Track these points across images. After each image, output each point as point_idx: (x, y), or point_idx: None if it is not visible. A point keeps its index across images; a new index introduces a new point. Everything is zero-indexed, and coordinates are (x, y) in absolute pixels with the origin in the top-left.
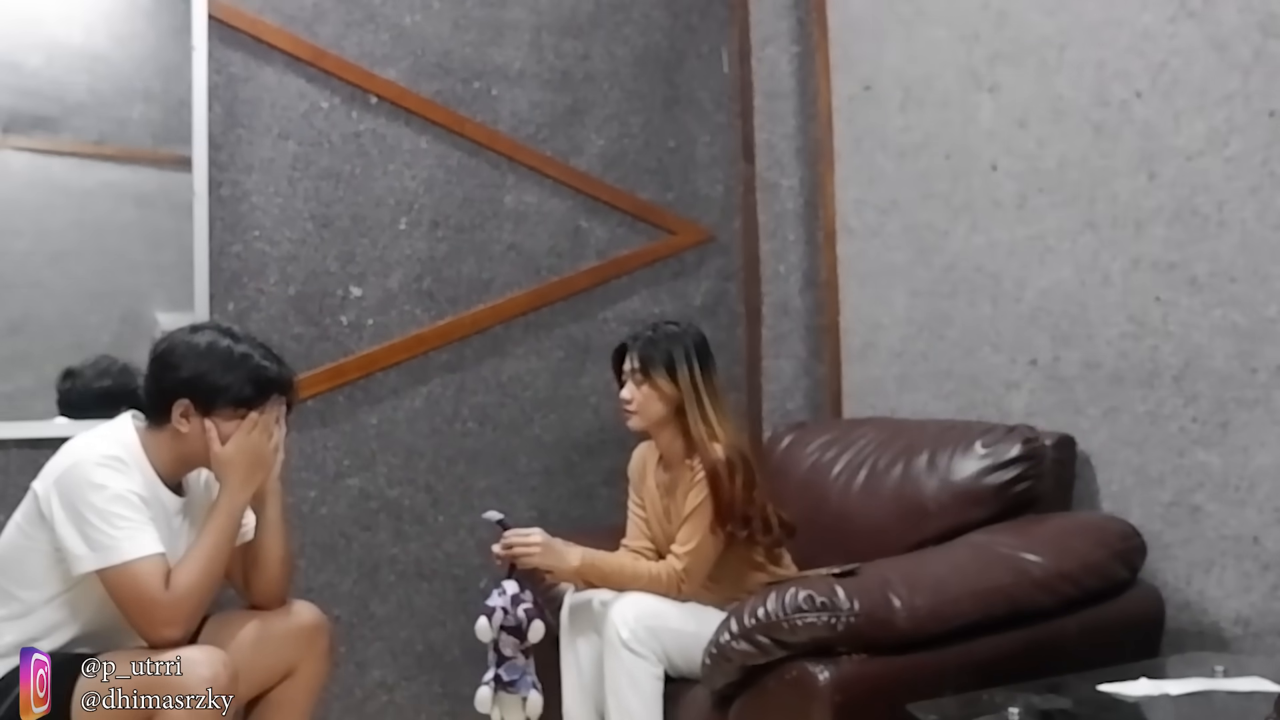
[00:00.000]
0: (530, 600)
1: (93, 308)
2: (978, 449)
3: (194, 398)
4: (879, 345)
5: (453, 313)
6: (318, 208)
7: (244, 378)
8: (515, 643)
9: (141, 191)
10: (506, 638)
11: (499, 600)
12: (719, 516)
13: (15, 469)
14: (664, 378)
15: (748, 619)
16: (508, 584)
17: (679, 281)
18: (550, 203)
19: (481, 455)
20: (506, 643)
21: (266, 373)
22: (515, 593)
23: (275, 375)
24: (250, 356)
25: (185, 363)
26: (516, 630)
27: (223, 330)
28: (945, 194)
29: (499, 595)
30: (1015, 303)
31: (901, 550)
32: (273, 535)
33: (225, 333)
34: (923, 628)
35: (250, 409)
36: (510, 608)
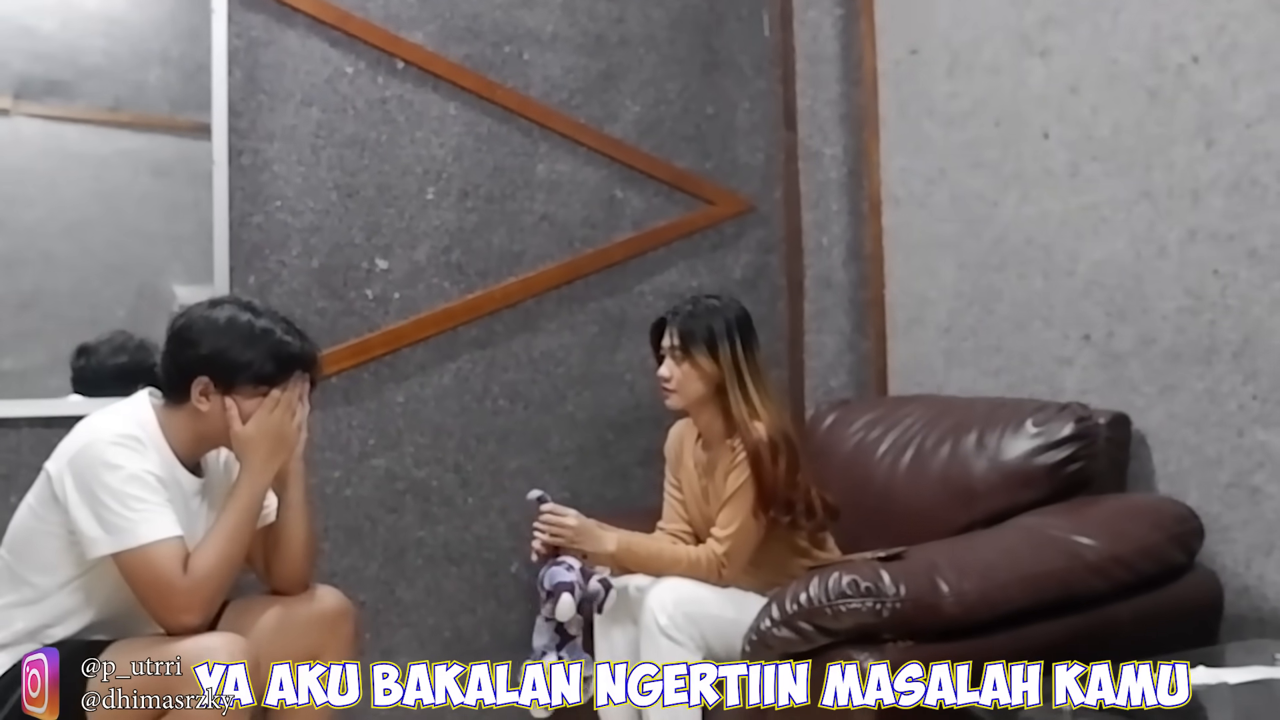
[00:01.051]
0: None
1: (108, 281)
2: (1029, 428)
3: (213, 375)
4: (926, 320)
5: (482, 286)
6: (342, 177)
7: (265, 354)
8: (580, 620)
9: (159, 160)
10: (575, 615)
11: (571, 575)
12: (761, 500)
13: (27, 449)
14: (704, 355)
15: (790, 605)
16: (569, 558)
17: (718, 254)
18: (584, 172)
19: (512, 434)
20: (574, 621)
21: (289, 348)
22: (581, 565)
23: (298, 351)
24: (272, 331)
25: (204, 338)
26: (582, 606)
27: (243, 305)
28: (995, 162)
29: (568, 570)
30: (1068, 276)
31: (949, 533)
32: (295, 518)
33: (246, 307)
34: (971, 614)
35: (272, 386)
36: (582, 581)
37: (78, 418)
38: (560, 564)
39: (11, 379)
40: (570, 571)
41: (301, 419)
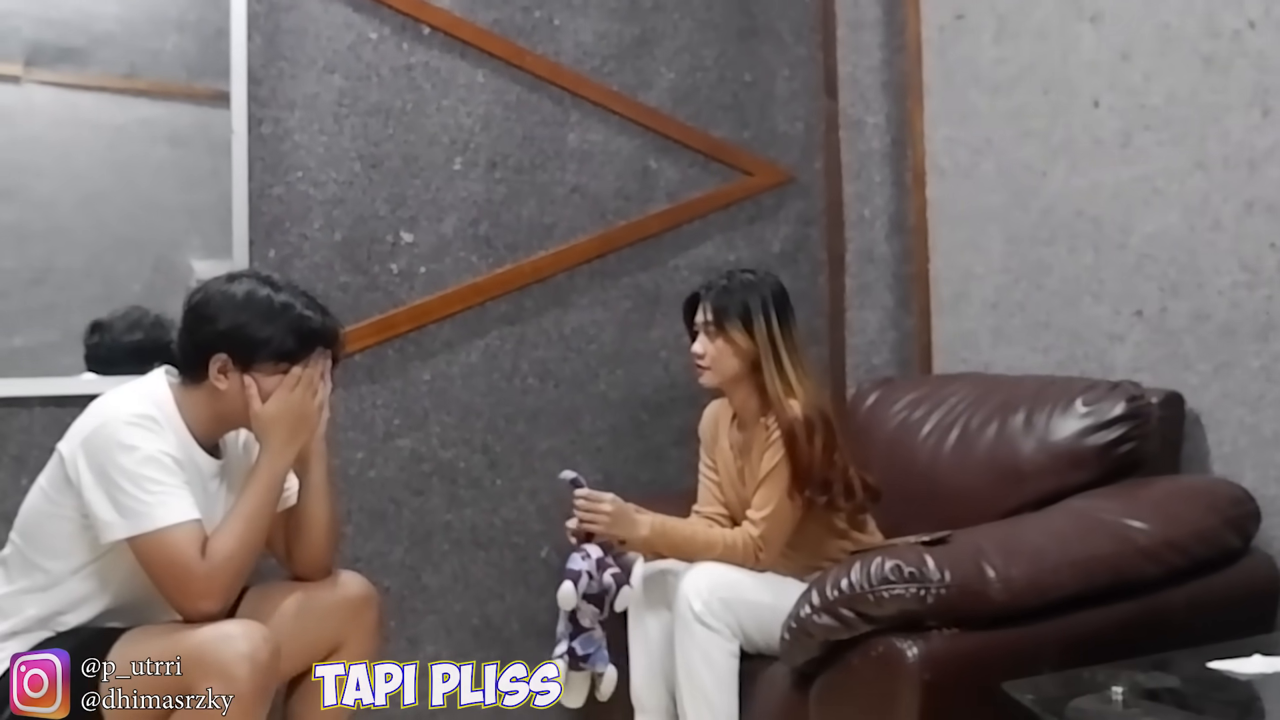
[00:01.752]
0: (616, 565)
1: (123, 255)
2: (1078, 407)
3: (232, 352)
4: (972, 295)
5: (511, 260)
6: (366, 147)
7: (286, 329)
8: (595, 612)
9: (175, 129)
10: (586, 607)
11: (583, 564)
12: (797, 480)
13: (39, 429)
14: (739, 331)
15: (830, 591)
16: (590, 547)
17: (756, 226)
18: (617, 141)
19: (542, 414)
20: (586, 612)
21: (310, 324)
22: (600, 557)
23: (319, 327)
24: (292, 306)
25: (222, 314)
26: (598, 598)
27: (262, 279)
28: (1043, 132)
29: (583, 559)
30: (1119, 249)
31: (996, 516)
32: (317, 501)
33: (265, 281)
34: (1019, 600)
35: (293, 363)
36: (595, 573)
37: (91, 397)
38: (579, 551)
39: (23, 356)
40: (585, 560)
41: (323, 398)
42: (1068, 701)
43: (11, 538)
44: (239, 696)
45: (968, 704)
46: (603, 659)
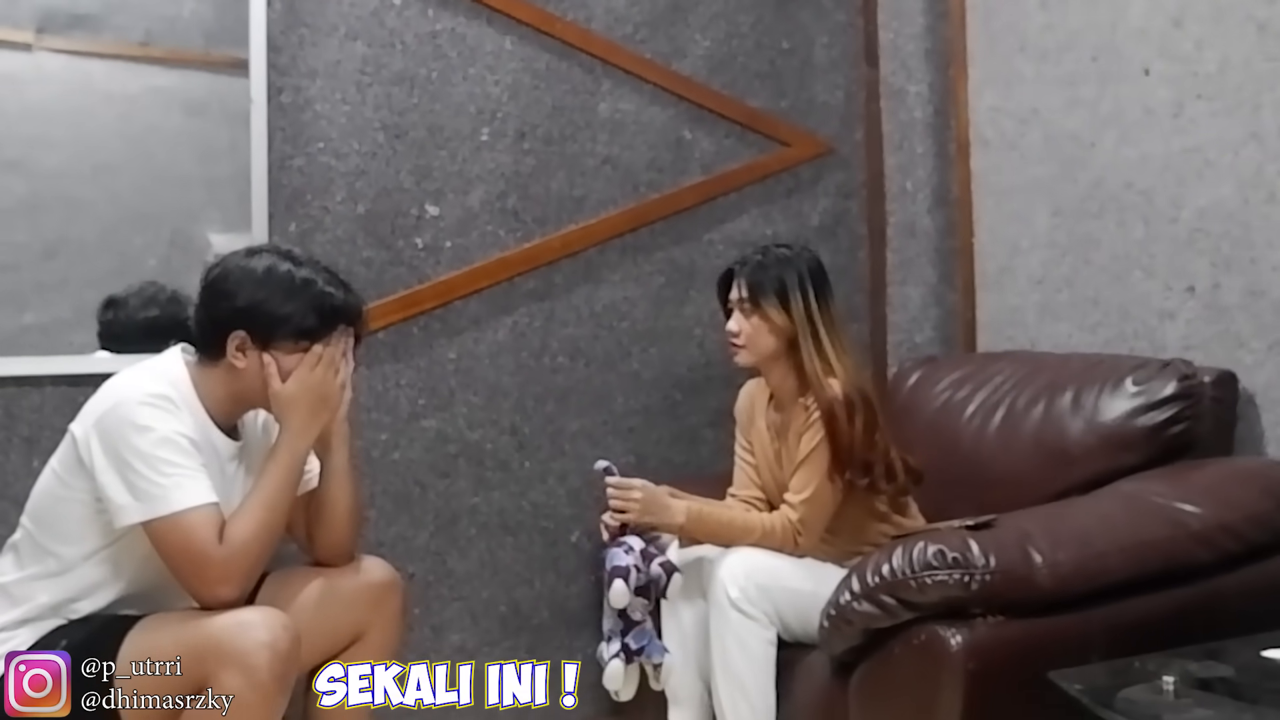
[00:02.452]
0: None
1: (138, 229)
2: (1128, 387)
3: (251, 329)
4: (1017, 270)
5: (540, 234)
6: (389, 117)
7: (307, 306)
8: (644, 604)
9: (192, 99)
10: (635, 600)
11: (628, 559)
12: (836, 462)
13: (51, 409)
14: (775, 307)
15: (871, 577)
16: (631, 539)
17: (793, 199)
18: (650, 111)
19: (572, 394)
20: (636, 605)
21: (332, 300)
22: (643, 548)
23: (341, 303)
24: (313, 282)
25: (241, 290)
26: (646, 590)
27: (282, 254)
28: (1092, 101)
29: (627, 553)
30: (1170, 223)
31: (1042, 500)
32: (339, 484)
33: (285, 256)
34: (1066, 587)
35: (314, 341)
36: (642, 565)
37: (105, 376)
38: (621, 544)
39: (34, 334)
40: (629, 555)
41: (345, 377)
42: (1117, 691)
43: (22, 522)
44: (258, 686)
45: (1013, 694)
46: (657, 649)
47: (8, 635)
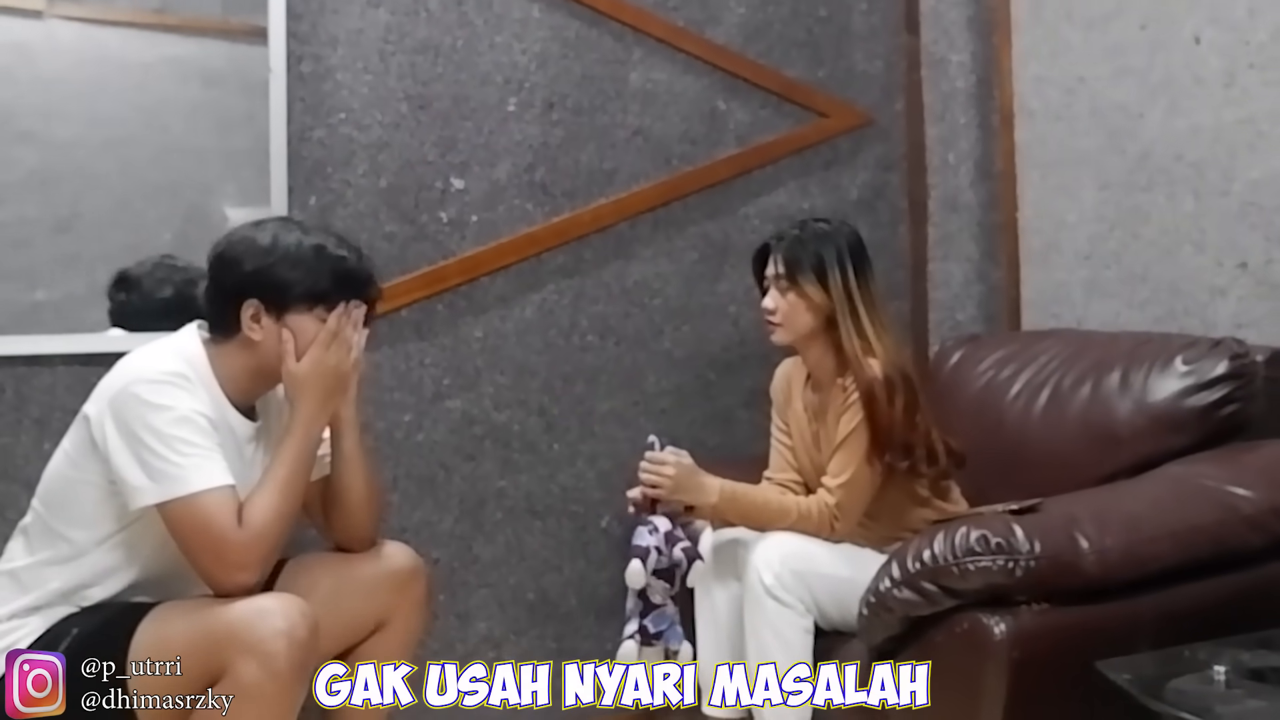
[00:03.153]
0: (686, 538)
1: (153, 203)
2: (1178, 366)
3: (263, 297)
4: (1063, 246)
5: (570, 208)
6: (413, 87)
7: (318, 269)
8: (665, 588)
9: (209, 68)
10: (656, 583)
11: (651, 539)
12: (876, 444)
13: (63, 389)
14: (813, 284)
15: (911, 563)
16: (658, 520)
17: (831, 172)
18: (683, 81)
19: (602, 373)
20: (656, 588)
21: (345, 263)
22: (669, 530)
23: (355, 266)
24: (323, 247)
25: (249, 257)
26: (669, 573)
27: (290, 222)
28: (1140, 70)
29: (650, 533)
30: (1222, 196)
31: (1089, 483)
32: (351, 470)
33: (293, 224)
34: (1114, 573)
35: (328, 306)
36: (665, 547)
37: (119, 355)
38: (647, 524)
39: (46, 311)
40: (653, 535)
41: (357, 354)
42: (1166, 681)
43: (33, 505)
44: (276, 675)
45: (1059, 684)
46: (676, 635)
47: (19, 623)
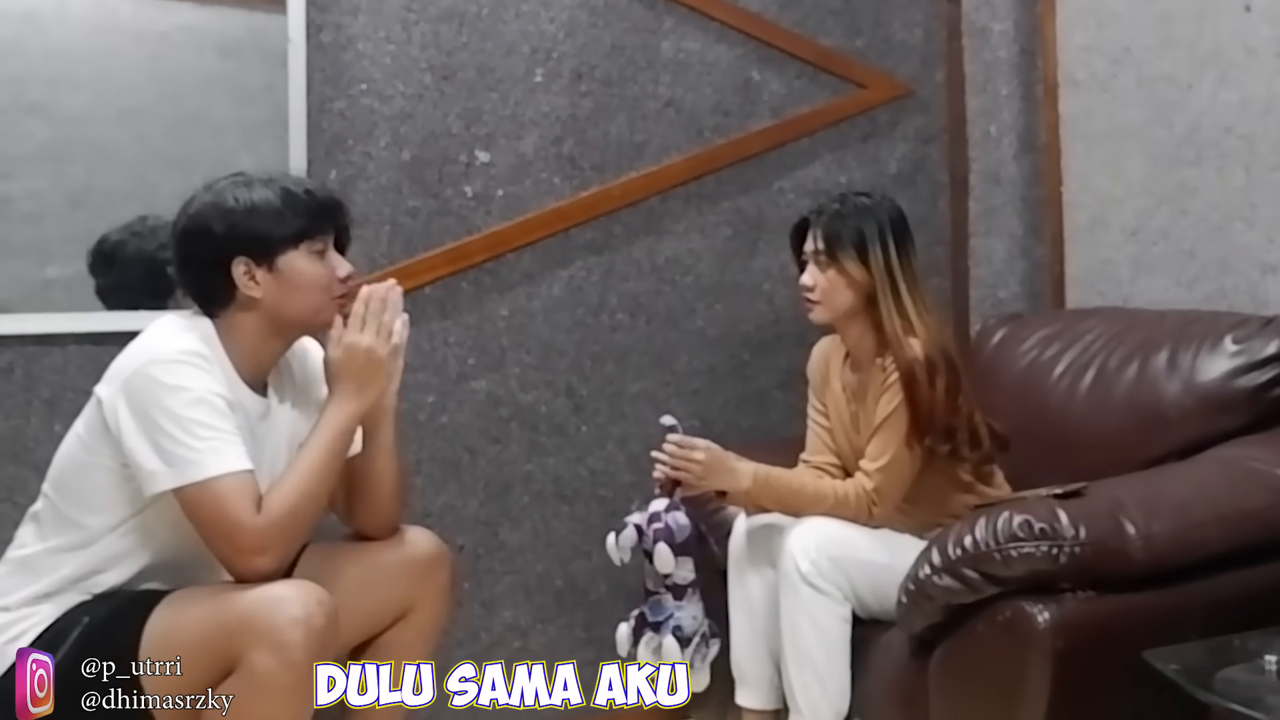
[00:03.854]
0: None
1: (168, 176)
2: (1227, 345)
3: (249, 253)
4: (1109, 221)
5: (599, 182)
6: (437, 56)
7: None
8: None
9: (226, 37)
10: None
11: (636, 517)
12: (917, 426)
13: (75, 370)
14: (853, 260)
15: (952, 549)
16: (657, 501)
17: (869, 145)
18: (715, 50)
19: (633, 353)
20: (649, 573)
21: (314, 197)
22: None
23: (324, 197)
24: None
25: (218, 221)
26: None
27: (239, 175)
28: (1189, 40)
29: (638, 512)
30: (1273, 170)
31: (1136, 467)
32: (385, 459)
33: (243, 177)
34: (1162, 559)
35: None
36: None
37: (133, 334)
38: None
39: (57, 288)
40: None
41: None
42: (1216, 672)
43: (44, 490)
44: (291, 665)
45: (1105, 674)
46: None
47: (29, 611)
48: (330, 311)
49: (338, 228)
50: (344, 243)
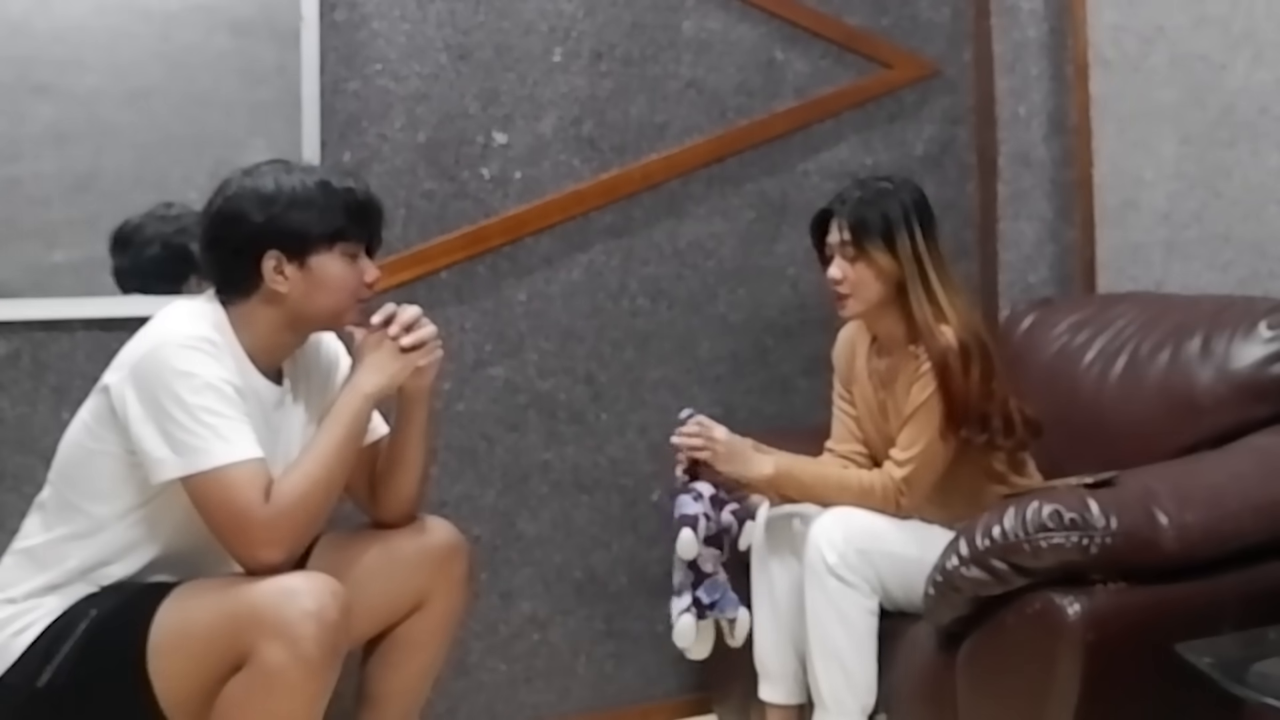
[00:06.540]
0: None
1: (177, 158)
2: (1262, 331)
3: (282, 246)
4: (1141, 204)
5: (619, 164)
6: (453, 35)
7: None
8: (716, 555)
9: (237, 16)
10: (707, 551)
11: (697, 506)
12: (951, 416)
13: (83, 356)
14: (880, 250)
15: (981, 540)
16: (701, 485)
17: (896, 126)
18: (738, 29)
19: (653, 339)
20: (707, 557)
21: (355, 195)
22: (713, 494)
23: (365, 197)
24: (328, 182)
25: (256, 209)
26: (718, 539)
27: (282, 163)
28: (1223, 18)
29: (695, 500)
30: None
31: (1168, 455)
32: (414, 447)
33: (287, 165)
34: (1195, 550)
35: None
36: (712, 512)
37: (142, 319)
38: (690, 491)
39: (65, 273)
40: (698, 501)
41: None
42: (1250, 665)
43: (50, 479)
44: (303, 659)
45: (1136, 667)
46: (731, 602)
47: (36, 603)
48: (352, 315)
49: (372, 234)
50: (375, 247)
